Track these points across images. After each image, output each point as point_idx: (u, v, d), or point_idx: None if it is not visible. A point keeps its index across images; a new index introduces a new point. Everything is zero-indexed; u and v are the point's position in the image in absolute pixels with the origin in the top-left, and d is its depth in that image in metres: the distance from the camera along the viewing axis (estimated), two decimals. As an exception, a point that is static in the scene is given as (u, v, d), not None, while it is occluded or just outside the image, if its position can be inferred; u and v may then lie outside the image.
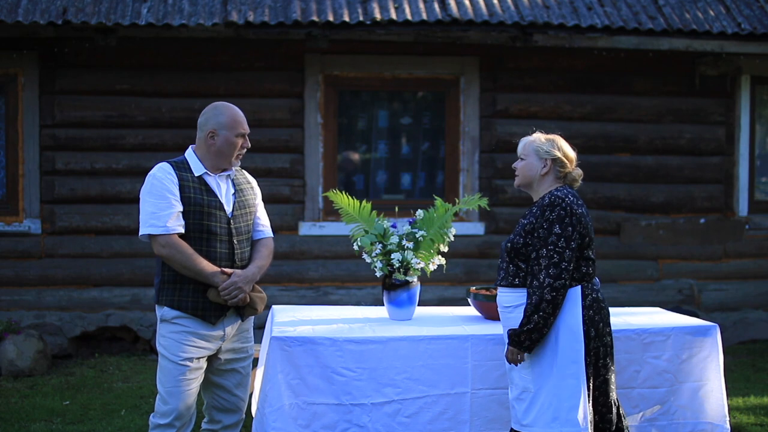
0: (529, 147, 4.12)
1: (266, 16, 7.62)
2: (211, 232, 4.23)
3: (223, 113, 4.29)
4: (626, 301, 8.41)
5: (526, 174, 4.12)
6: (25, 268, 8.15)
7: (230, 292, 4.21)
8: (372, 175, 8.74)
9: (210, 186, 4.29)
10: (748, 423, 6.15)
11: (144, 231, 4.21)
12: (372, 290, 8.34)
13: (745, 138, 8.89)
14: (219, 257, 4.25)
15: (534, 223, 3.99)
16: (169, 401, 4.22)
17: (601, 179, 8.68)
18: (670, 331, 4.65)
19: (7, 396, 6.83)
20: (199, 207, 4.22)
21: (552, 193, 4.03)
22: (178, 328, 4.23)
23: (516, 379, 4.07)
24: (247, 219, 4.40)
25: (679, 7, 8.32)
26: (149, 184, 4.24)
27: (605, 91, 8.67)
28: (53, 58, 8.07)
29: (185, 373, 4.21)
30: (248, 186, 4.48)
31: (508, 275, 4.05)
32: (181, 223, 4.19)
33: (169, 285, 4.27)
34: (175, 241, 4.17)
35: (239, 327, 4.39)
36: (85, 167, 8.14)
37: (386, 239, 4.82)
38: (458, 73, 8.53)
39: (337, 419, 4.34)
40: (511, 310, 4.06)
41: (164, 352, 4.26)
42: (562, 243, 3.90)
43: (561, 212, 3.94)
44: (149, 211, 4.20)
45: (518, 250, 4.00)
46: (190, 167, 4.29)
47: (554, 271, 3.88)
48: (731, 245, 8.91)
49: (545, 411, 3.97)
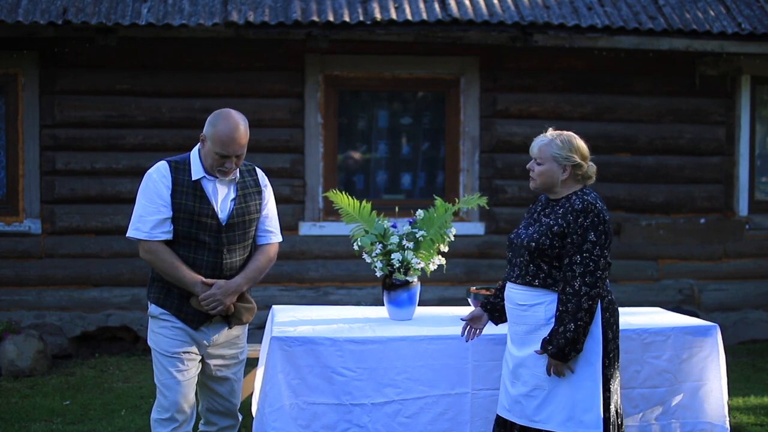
0: (547, 152, 4.04)
1: (266, 16, 7.63)
2: (199, 240, 4.16)
3: (216, 125, 4.12)
4: (626, 301, 8.40)
5: (546, 181, 4.05)
6: (25, 268, 8.15)
7: (209, 304, 4.16)
8: (372, 175, 8.74)
9: (206, 191, 4.18)
10: (748, 423, 6.15)
11: (130, 233, 4.21)
12: (372, 290, 8.34)
13: (745, 138, 8.89)
14: (204, 266, 4.18)
15: (564, 227, 3.93)
16: (168, 394, 4.21)
17: (601, 179, 8.52)
18: (670, 331, 4.64)
19: (8, 396, 6.83)
20: (189, 215, 4.14)
21: (581, 198, 3.99)
22: (165, 324, 4.24)
23: (526, 376, 4.04)
24: (245, 228, 4.27)
25: (679, 7, 8.32)
26: (144, 184, 4.20)
27: (605, 91, 8.66)
28: (53, 58, 8.07)
29: (177, 364, 4.21)
30: (255, 191, 4.33)
31: (527, 274, 4.00)
32: (166, 230, 4.14)
33: (158, 283, 4.27)
34: (157, 248, 4.14)
35: (227, 334, 4.33)
36: (85, 167, 8.14)
37: (386, 239, 4.82)
38: (458, 73, 8.53)
39: (337, 419, 4.33)
40: (525, 309, 4.03)
41: (155, 346, 4.27)
42: (597, 251, 3.89)
43: (595, 219, 3.91)
44: (138, 213, 4.19)
45: (543, 251, 3.95)
46: (191, 169, 4.19)
47: (590, 279, 3.86)
48: (731, 245, 8.91)
49: (560, 410, 3.96)
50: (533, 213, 4.17)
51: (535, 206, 4.22)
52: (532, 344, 4.02)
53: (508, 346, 4.17)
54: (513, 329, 4.14)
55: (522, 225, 4.16)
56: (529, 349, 4.03)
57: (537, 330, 4.01)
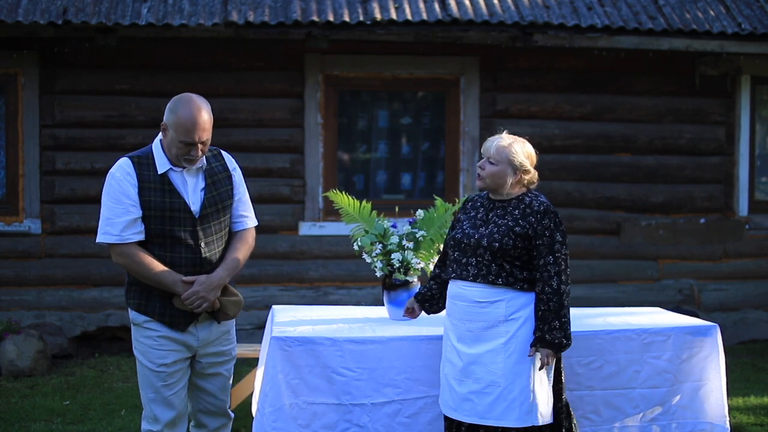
0: (503, 154, 4.12)
1: (266, 16, 7.63)
2: (174, 236, 3.94)
3: (177, 111, 3.87)
4: (626, 301, 8.41)
5: (496, 182, 4.14)
6: (25, 268, 8.15)
7: (193, 302, 3.95)
8: (372, 175, 8.74)
9: (174, 184, 3.95)
10: (748, 423, 6.15)
11: (99, 238, 3.95)
12: (372, 290, 8.34)
13: (745, 138, 8.89)
14: (184, 263, 3.97)
15: (528, 229, 4.05)
16: (155, 410, 4.06)
17: (601, 179, 8.69)
18: (670, 331, 4.64)
19: (7, 396, 6.83)
20: (160, 211, 3.92)
21: (537, 200, 4.13)
22: (150, 333, 4.02)
23: (480, 373, 4.07)
24: (220, 216, 4.05)
25: (679, 7, 8.32)
26: (108, 185, 3.96)
27: (605, 91, 8.67)
28: (53, 58, 8.07)
29: (165, 378, 4.03)
30: (224, 176, 4.09)
31: (489, 273, 4.06)
32: (138, 230, 3.92)
33: (135, 287, 4.04)
34: (131, 251, 3.91)
35: (217, 330, 4.14)
36: (85, 167, 8.14)
37: (386, 239, 4.82)
38: (458, 73, 8.53)
39: (337, 419, 4.33)
40: (485, 306, 4.08)
41: (141, 357, 4.06)
42: (565, 250, 4.08)
43: (556, 220, 4.09)
44: (105, 216, 3.94)
45: (507, 251, 4.04)
46: (155, 162, 3.95)
47: (564, 277, 4.04)
48: (731, 245, 8.91)
49: (518, 405, 4.02)
50: (477, 213, 4.22)
51: (472, 207, 4.28)
52: (488, 341, 4.07)
53: (454, 344, 4.16)
54: (464, 326, 4.14)
55: (466, 225, 4.20)
56: (486, 346, 4.07)
57: (495, 326, 4.07)
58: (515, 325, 4.06)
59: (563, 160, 8.60)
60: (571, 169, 8.62)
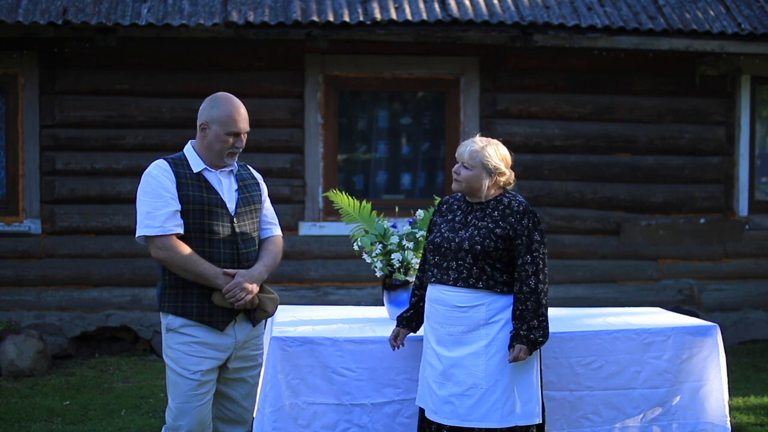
0: (477, 158, 4.10)
1: (266, 16, 7.63)
2: (213, 231, 3.98)
3: (218, 106, 4.01)
4: (626, 301, 8.41)
5: (472, 185, 4.13)
6: (25, 268, 8.15)
7: (235, 294, 3.94)
8: (372, 175, 8.74)
9: (210, 183, 4.03)
10: (748, 423, 6.15)
11: (140, 232, 3.95)
12: (372, 290, 8.34)
13: (745, 138, 8.89)
14: (222, 258, 3.98)
15: (509, 230, 4.05)
16: (181, 419, 3.99)
17: (601, 179, 8.68)
18: (670, 331, 4.65)
19: (7, 396, 6.83)
20: (199, 205, 3.96)
21: (516, 200, 4.14)
22: (186, 339, 3.97)
23: (461, 376, 4.07)
24: (253, 217, 4.13)
25: (679, 7, 8.32)
26: (145, 183, 3.99)
27: (605, 91, 8.67)
28: (53, 58, 8.07)
29: (196, 387, 3.97)
30: (253, 182, 4.22)
31: (470, 276, 4.06)
32: (179, 223, 3.93)
33: (171, 290, 4.00)
34: (173, 243, 3.91)
35: (250, 333, 4.12)
36: (85, 167, 8.14)
37: (386, 239, 4.82)
38: (458, 73, 8.53)
39: (337, 419, 4.34)
40: (465, 310, 4.08)
41: (173, 365, 4.00)
42: (543, 249, 4.09)
43: (534, 219, 4.10)
44: (145, 211, 3.95)
45: (488, 253, 4.04)
46: (189, 163, 4.03)
47: (542, 276, 4.06)
48: (731, 245, 8.91)
49: (500, 406, 4.03)
50: (454, 216, 4.20)
51: (448, 209, 4.26)
52: (469, 344, 4.07)
53: (434, 348, 4.16)
54: (444, 330, 4.14)
55: (444, 229, 4.19)
56: (466, 349, 4.07)
57: (476, 330, 4.07)
58: (496, 328, 4.07)
59: (563, 160, 8.60)
60: (571, 169, 8.62)
